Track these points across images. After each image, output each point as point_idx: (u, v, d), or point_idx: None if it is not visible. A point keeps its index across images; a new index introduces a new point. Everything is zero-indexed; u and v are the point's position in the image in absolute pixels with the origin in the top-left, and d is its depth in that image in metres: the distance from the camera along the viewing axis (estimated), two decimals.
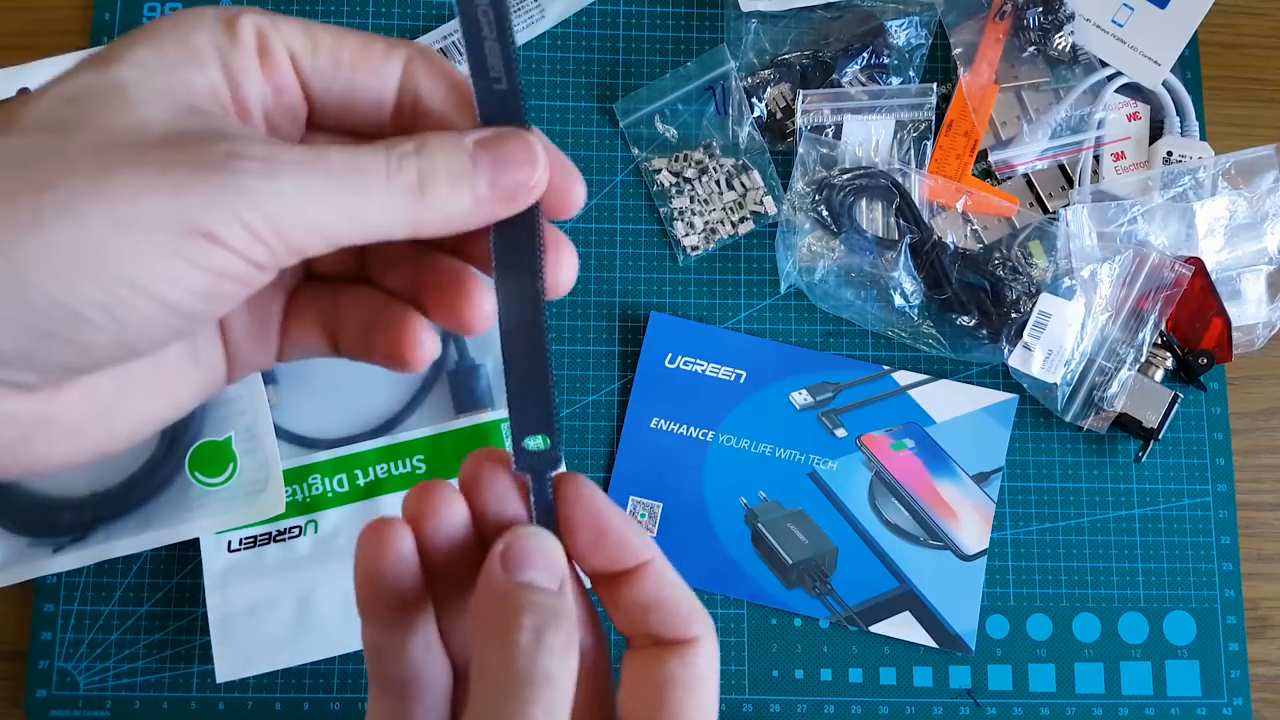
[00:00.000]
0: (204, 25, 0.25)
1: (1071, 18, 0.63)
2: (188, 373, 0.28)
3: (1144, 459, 0.61)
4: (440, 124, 0.27)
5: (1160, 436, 0.59)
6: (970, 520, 0.60)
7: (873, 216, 0.61)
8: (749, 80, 0.63)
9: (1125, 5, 0.64)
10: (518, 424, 0.27)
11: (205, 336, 0.28)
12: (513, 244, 0.27)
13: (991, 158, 0.63)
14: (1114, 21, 0.64)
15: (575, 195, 0.28)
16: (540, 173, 0.26)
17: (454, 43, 0.62)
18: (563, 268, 0.29)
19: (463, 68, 0.27)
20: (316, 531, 0.57)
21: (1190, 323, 0.61)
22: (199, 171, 0.22)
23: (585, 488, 0.27)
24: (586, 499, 0.27)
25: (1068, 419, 0.60)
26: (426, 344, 0.28)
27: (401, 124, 0.27)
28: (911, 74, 0.63)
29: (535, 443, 0.27)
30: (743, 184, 0.62)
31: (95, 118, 0.23)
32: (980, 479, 0.61)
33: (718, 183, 0.62)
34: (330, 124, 0.27)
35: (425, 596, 0.27)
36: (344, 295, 0.30)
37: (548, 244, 0.28)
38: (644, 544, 0.27)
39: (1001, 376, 0.62)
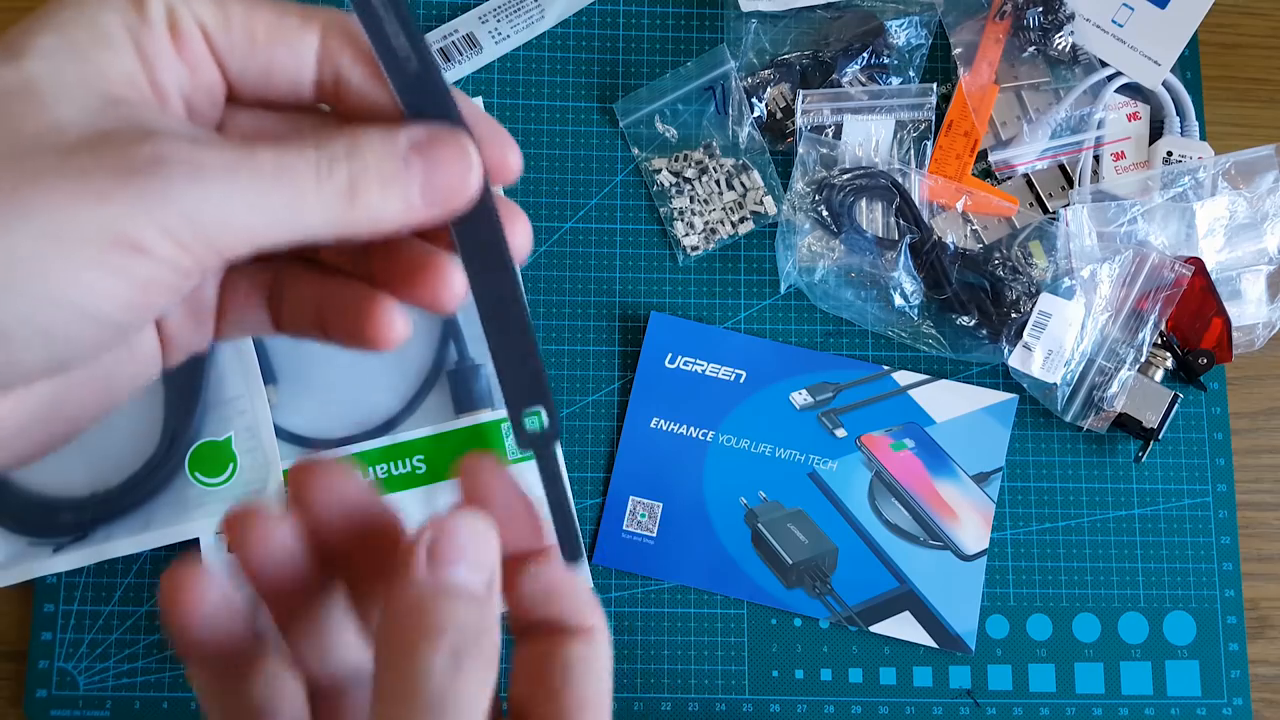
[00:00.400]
0: (110, 3, 0.23)
1: (1071, 18, 0.63)
2: (123, 366, 0.27)
3: (1144, 459, 0.61)
4: (360, 99, 0.26)
5: (1160, 436, 0.59)
6: (970, 520, 0.60)
7: (873, 216, 0.61)
8: (749, 80, 0.63)
9: (1125, 5, 0.64)
10: (512, 399, 0.27)
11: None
12: (471, 224, 0.26)
13: (991, 158, 0.63)
14: (1114, 21, 0.64)
15: (510, 164, 0.27)
16: (474, 177, 0.25)
17: (454, 42, 0.62)
18: (516, 237, 0.27)
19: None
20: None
21: (1190, 323, 0.61)
22: (122, 177, 0.21)
23: (496, 467, 0.27)
24: (500, 477, 0.26)
25: (1068, 419, 0.60)
26: (399, 323, 0.27)
27: (324, 97, 0.26)
28: (911, 74, 0.63)
29: (533, 421, 0.27)
30: (743, 184, 0.62)
31: (6, 121, 0.22)
32: (980, 479, 0.61)
33: (718, 183, 0.62)
34: (251, 99, 0.26)
35: (257, 635, 0.26)
36: (286, 273, 0.29)
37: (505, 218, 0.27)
38: (548, 531, 0.27)
39: (1001, 376, 0.62)
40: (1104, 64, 0.63)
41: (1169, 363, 0.61)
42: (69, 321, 0.22)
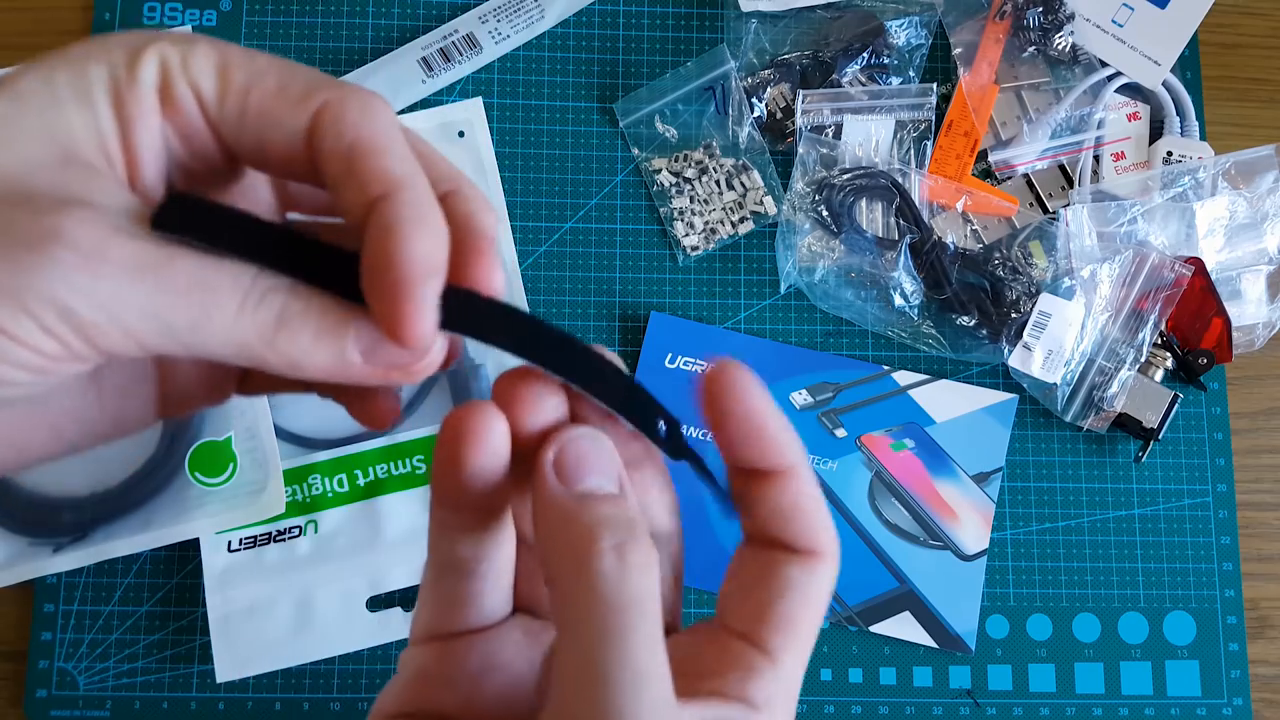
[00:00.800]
0: (106, 57, 0.23)
1: (1071, 18, 0.63)
2: (80, 414, 0.26)
3: (1144, 459, 0.61)
4: (330, 191, 0.23)
5: (1160, 436, 0.59)
6: (970, 520, 0.60)
7: (873, 216, 0.61)
8: (749, 80, 0.63)
9: (1125, 5, 0.64)
10: (636, 423, 0.27)
11: (113, 378, 0.26)
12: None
13: (991, 158, 0.63)
14: (1114, 21, 0.64)
15: (486, 282, 0.25)
16: (427, 364, 0.24)
17: (454, 42, 0.62)
18: (487, 282, 0.25)
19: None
20: (316, 532, 0.57)
21: (1190, 323, 0.61)
22: (9, 250, 0.20)
23: (744, 377, 0.26)
24: (744, 388, 0.26)
25: (1068, 419, 0.60)
26: (389, 410, 0.27)
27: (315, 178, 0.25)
28: (911, 74, 0.63)
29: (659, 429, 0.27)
30: (743, 184, 0.62)
31: None
32: (980, 479, 0.61)
33: (718, 183, 0.62)
34: (254, 163, 0.25)
35: (508, 485, 0.25)
36: None
37: (471, 252, 0.24)
38: (796, 448, 0.26)
39: (1001, 376, 0.62)
40: (1104, 64, 0.63)
41: (1169, 363, 0.61)
42: None
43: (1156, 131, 0.64)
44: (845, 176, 0.60)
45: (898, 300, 0.60)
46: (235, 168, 0.25)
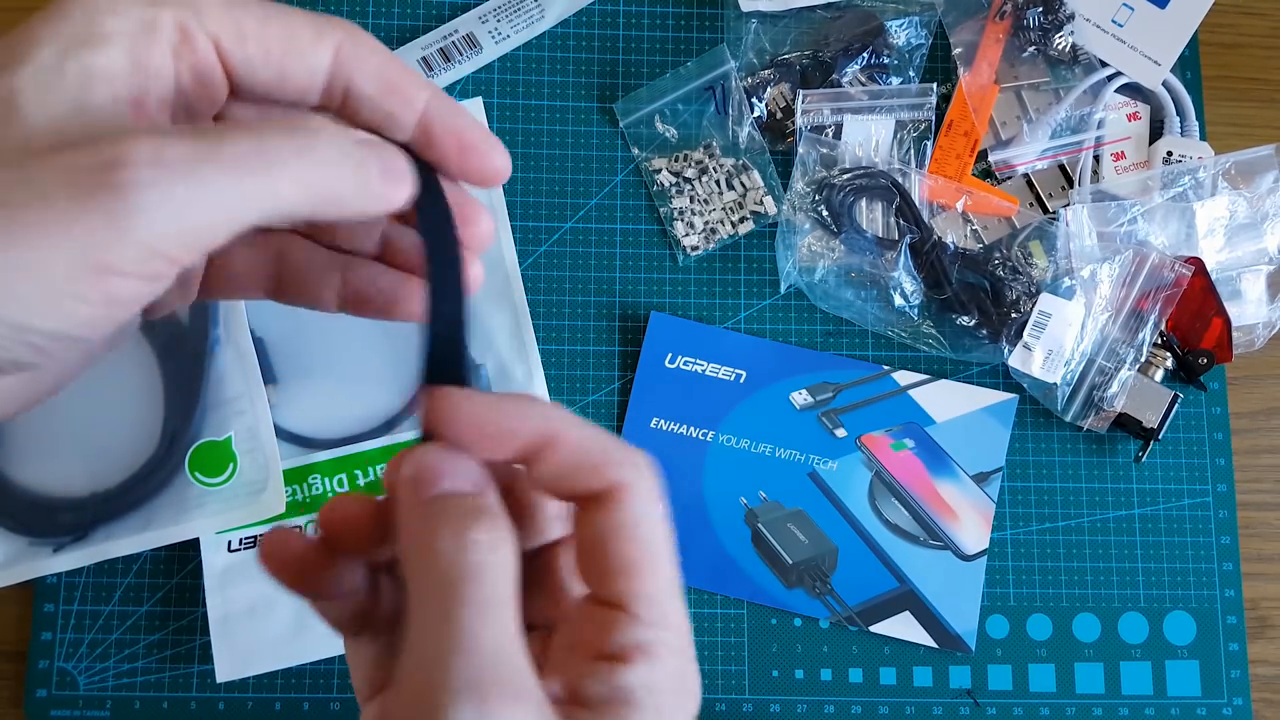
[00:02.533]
0: (119, 7, 0.24)
1: (1071, 18, 0.63)
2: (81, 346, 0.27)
3: (1144, 459, 0.61)
4: (373, 110, 0.27)
5: (1160, 436, 0.59)
6: (970, 520, 0.60)
7: (873, 216, 0.61)
8: (749, 80, 0.63)
9: (1125, 5, 0.64)
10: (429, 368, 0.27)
11: None
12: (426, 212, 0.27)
13: (991, 158, 0.63)
14: (1114, 21, 0.64)
15: (495, 167, 0.28)
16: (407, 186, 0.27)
17: (454, 42, 0.62)
18: (478, 226, 0.29)
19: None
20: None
21: (1190, 323, 0.61)
22: (84, 199, 0.21)
23: (445, 400, 0.26)
24: (451, 405, 0.26)
25: (1068, 419, 0.60)
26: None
27: (328, 105, 0.27)
28: (911, 74, 0.63)
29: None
30: (743, 184, 0.62)
31: None
32: (980, 479, 0.61)
33: (718, 183, 0.62)
34: (251, 98, 0.27)
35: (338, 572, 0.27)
36: (293, 244, 0.30)
37: (465, 216, 0.28)
38: (539, 418, 0.25)
39: (1001, 376, 0.62)
40: (1104, 64, 0.63)
41: (1169, 363, 0.61)
42: (44, 343, 0.22)
43: (1156, 131, 0.64)
44: (845, 176, 0.60)
45: (898, 300, 0.60)
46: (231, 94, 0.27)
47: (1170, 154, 0.62)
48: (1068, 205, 0.62)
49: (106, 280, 0.22)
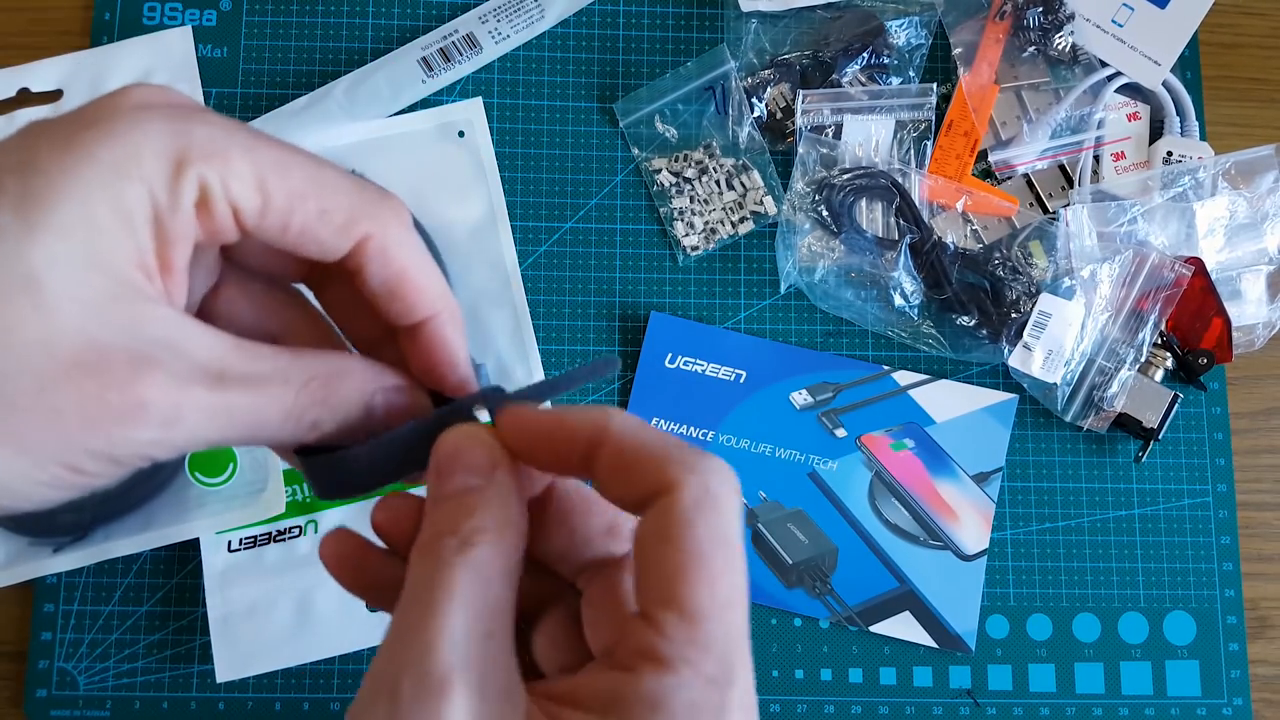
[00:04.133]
0: (142, 174, 0.22)
1: (1071, 18, 0.63)
2: None
3: (1144, 459, 0.61)
4: (369, 307, 0.27)
5: (1160, 436, 0.59)
6: (970, 520, 0.60)
7: (873, 216, 0.61)
8: (749, 80, 0.63)
9: (1125, 5, 0.64)
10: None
11: None
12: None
13: (991, 158, 0.63)
14: (1114, 21, 0.64)
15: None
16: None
17: (454, 42, 0.62)
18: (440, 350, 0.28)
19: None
20: (316, 531, 0.57)
21: (1190, 323, 0.61)
22: (93, 423, 0.22)
23: (516, 412, 0.27)
24: (518, 416, 0.27)
25: (1068, 419, 0.60)
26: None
27: (322, 271, 0.28)
28: (911, 74, 0.63)
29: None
30: (743, 184, 0.62)
31: (3, 321, 0.21)
32: (980, 479, 0.61)
33: (718, 183, 0.62)
34: (272, 262, 0.28)
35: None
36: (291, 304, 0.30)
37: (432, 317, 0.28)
38: (585, 415, 0.25)
39: (1001, 376, 0.62)
40: (1104, 64, 0.63)
41: (1169, 363, 0.61)
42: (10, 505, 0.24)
43: (1156, 131, 0.64)
44: (845, 176, 0.60)
45: (898, 300, 0.60)
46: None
47: (1170, 154, 0.62)
48: (1068, 205, 0.62)
49: (74, 476, 0.23)
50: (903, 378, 0.62)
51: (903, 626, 0.59)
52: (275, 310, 0.29)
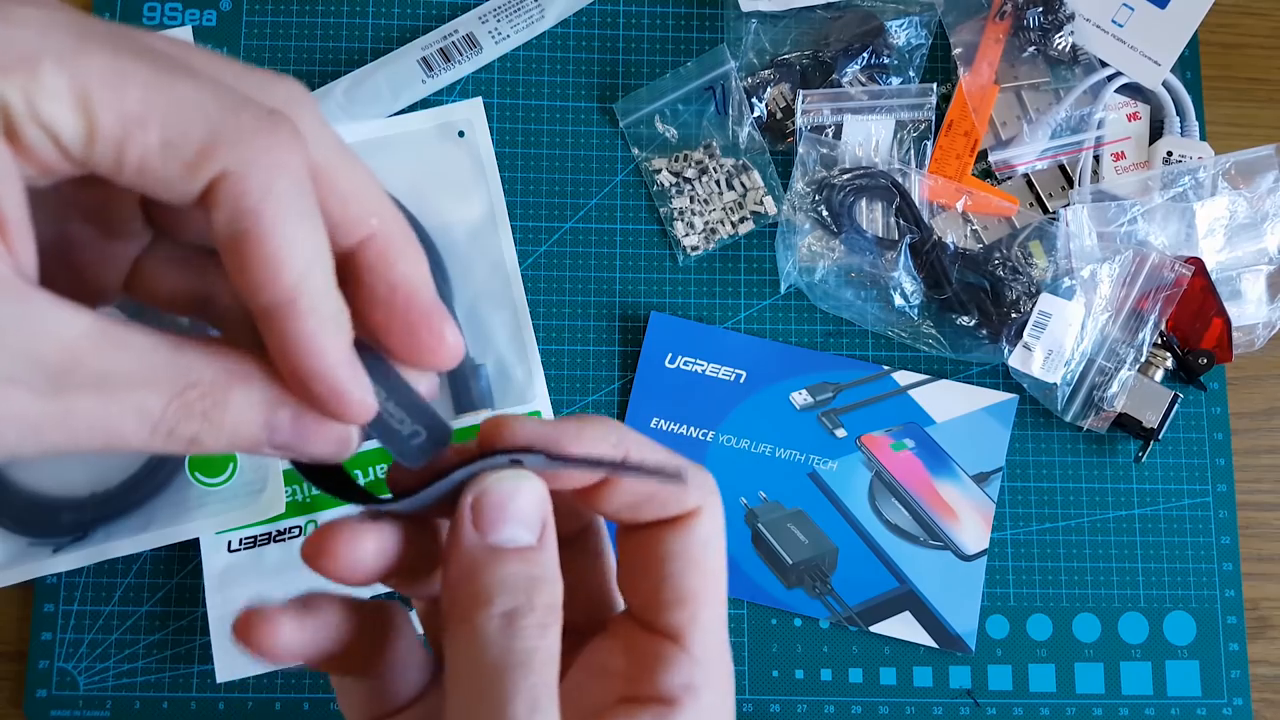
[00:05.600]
0: None
1: (1071, 18, 0.63)
2: None
3: (1144, 459, 0.61)
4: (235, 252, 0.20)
5: (1160, 436, 0.59)
6: (970, 520, 0.60)
7: (873, 216, 0.61)
8: (749, 80, 0.63)
9: (1125, 5, 0.64)
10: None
11: None
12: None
13: (991, 158, 0.63)
14: (1114, 21, 0.64)
15: (440, 352, 0.23)
16: (345, 451, 0.22)
17: (454, 42, 0.62)
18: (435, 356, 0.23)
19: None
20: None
21: (1190, 323, 0.61)
22: None
23: (516, 420, 0.24)
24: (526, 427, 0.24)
25: (1068, 419, 0.60)
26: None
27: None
28: (911, 74, 0.63)
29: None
30: (743, 184, 0.62)
31: None
32: (980, 479, 0.61)
33: (718, 183, 0.62)
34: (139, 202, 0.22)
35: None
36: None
37: (416, 320, 0.23)
38: (612, 441, 0.24)
39: (1001, 376, 0.62)
40: (1104, 64, 0.63)
41: (1169, 363, 0.61)
42: None
43: (1156, 131, 0.64)
44: (845, 176, 0.60)
45: (898, 300, 0.60)
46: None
47: (1170, 154, 0.62)
48: (1068, 205, 0.62)
49: None
50: (903, 378, 0.62)
51: (903, 626, 0.59)
52: (210, 272, 0.24)
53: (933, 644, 0.59)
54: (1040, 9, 0.62)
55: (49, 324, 0.18)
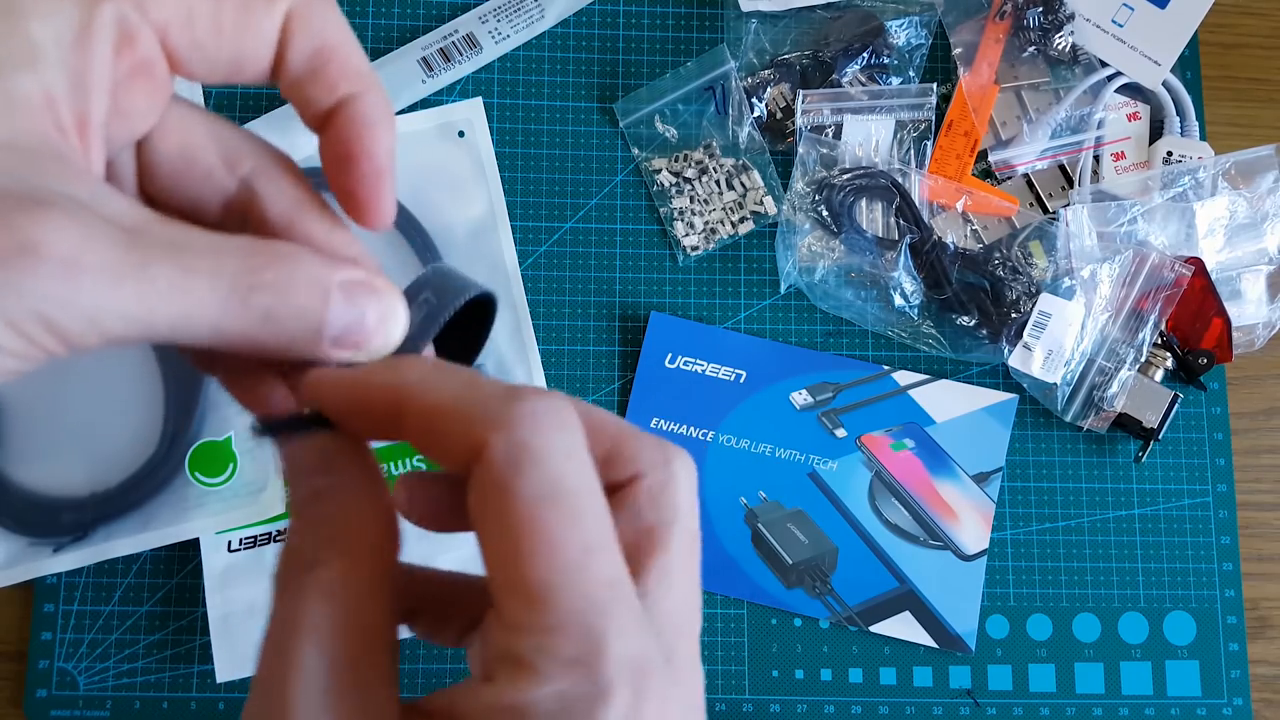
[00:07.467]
0: (53, 9, 0.21)
1: (1071, 18, 0.63)
2: None
3: (1144, 459, 0.61)
4: (295, 90, 0.24)
5: (1160, 436, 0.59)
6: (970, 520, 0.60)
7: (873, 216, 0.61)
8: (749, 80, 0.63)
9: (1125, 5, 0.64)
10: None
11: None
12: None
13: (991, 158, 0.63)
14: (1114, 21, 0.64)
15: (371, 209, 0.24)
16: (394, 336, 0.24)
17: (454, 42, 0.62)
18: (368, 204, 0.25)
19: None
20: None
21: (1190, 323, 0.61)
22: None
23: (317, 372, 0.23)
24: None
25: (1068, 419, 0.60)
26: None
27: (278, 81, 0.24)
28: (911, 74, 0.63)
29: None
30: (743, 184, 0.62)
31: None
32: (980, 479, 0.61)
33: (718, 183, 0.62)
34: (219, 80, 0.24)
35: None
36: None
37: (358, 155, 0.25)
38: (387, 378, 0.23)
39: (1001, 376, 0.62)
40: (1104, 64, 0.63)
41: (1169, 363, 0.61)
42: None
43: (1156, 131, 0.64)
44: (845, 176, 0.60)
45: (898, 300, 0.60)
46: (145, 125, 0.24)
47: (1170, 154, 0.62)
48: (1068, 205, 0.62)
49: None
50: (903, 378, 0.62)
51: (903, 626, 0.59)
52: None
53: (933, 644, 0.59)
54: (1040, 9, 0.62)
55: (116, 199, 0.21)
